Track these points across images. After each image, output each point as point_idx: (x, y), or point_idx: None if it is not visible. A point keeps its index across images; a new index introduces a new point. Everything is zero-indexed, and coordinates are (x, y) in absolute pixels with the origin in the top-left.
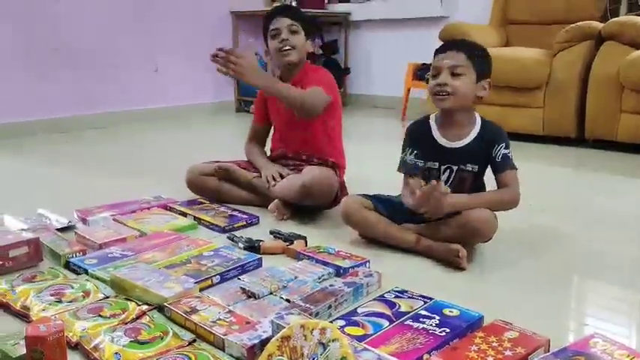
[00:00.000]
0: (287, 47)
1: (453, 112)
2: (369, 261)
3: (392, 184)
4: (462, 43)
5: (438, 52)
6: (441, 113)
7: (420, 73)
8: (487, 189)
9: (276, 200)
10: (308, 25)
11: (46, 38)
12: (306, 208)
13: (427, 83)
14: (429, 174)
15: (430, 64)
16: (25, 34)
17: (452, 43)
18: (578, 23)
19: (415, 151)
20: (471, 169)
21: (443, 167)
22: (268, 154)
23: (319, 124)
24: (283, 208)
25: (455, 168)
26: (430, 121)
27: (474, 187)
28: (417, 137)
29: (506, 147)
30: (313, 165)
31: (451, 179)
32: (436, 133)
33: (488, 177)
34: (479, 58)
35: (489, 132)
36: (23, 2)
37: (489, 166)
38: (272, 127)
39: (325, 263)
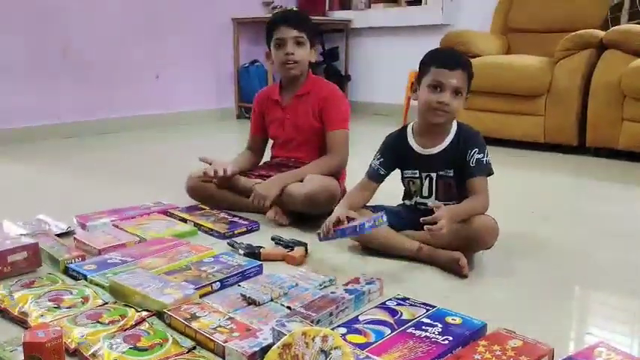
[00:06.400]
0: (291, 62)
1: (436, 124)
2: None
3: (393, 193)
4: (466, 62)
5: (443, 64)
6: (423, 123)
7: None
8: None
9: (274, 207)
10: (313, 34)
11: (52, 45)
12: (307, 215)
13: (413, 82)
14: (413, 184)
15: None
16: (33, 42)
17: (457, 60)
18: (579, 31)
19: (382, 159)
20: (450, 174)
21: (423, 175)
22: (268, 159)
23: (324, 141)
24: (282, 214)
25: (434, 175)
26: (407, 130)
27: (460, 193)
28: (392, 147)
29: (481, 152)
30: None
31: (434, 187)
32: (412, 141)
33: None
34: (472, 77)
35: (464, 136)
36: (35, 12)
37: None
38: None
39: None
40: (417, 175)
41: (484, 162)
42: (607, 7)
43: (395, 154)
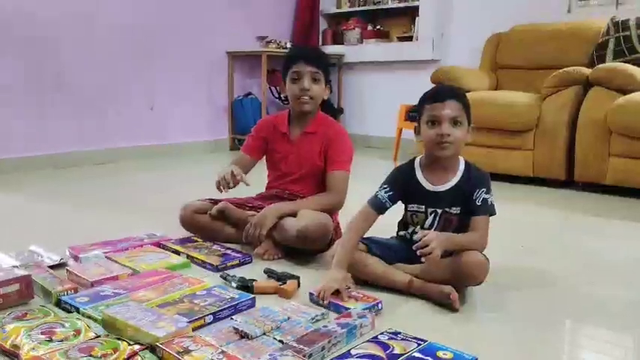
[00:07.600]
0: (306, 97)
1: (444, 158)
2: (381, 302)
3: (386, 226)
4: (458, 93)
5: (434, 99)
6: (429, 158)
7: (412, 114)
8: None
9: (265, 241)
10: (328, 72)
11: (47, 75)
12: (299, 249)
13: (415, 126)
14: (416, 217)
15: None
16: (29, 72)
17: (448, 91)
18: (566, 69)
19: (391, 192)
20: (455, 212)
21: (429, 210)
22: (263, 190)
23: (324, 178)
24: (274, 248)
25: (439, 211)
26: (415, 164)
27: (459, 228)
28: (402, 181)
29: (487, 192)
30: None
31: (436, 222)
32: (421, 177)
33: None
34: (468, 106)
35: (473, 176)
36: (29, 43)
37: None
38: (267, 166)
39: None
40: (423, 210)
41: (489, 202)
42: (592, 46)
43: (403, 187)
